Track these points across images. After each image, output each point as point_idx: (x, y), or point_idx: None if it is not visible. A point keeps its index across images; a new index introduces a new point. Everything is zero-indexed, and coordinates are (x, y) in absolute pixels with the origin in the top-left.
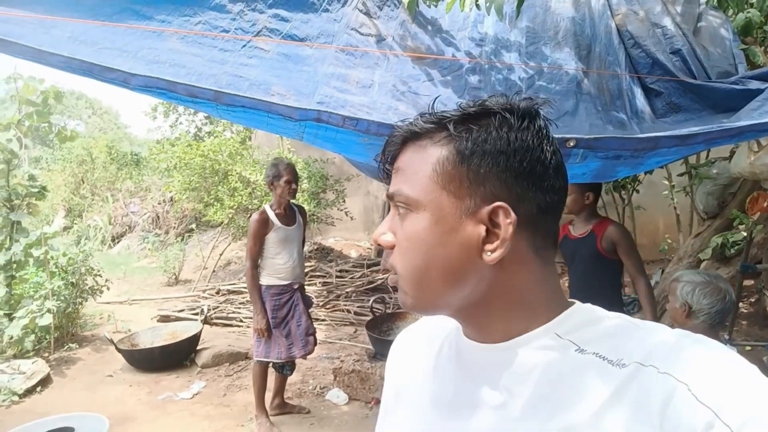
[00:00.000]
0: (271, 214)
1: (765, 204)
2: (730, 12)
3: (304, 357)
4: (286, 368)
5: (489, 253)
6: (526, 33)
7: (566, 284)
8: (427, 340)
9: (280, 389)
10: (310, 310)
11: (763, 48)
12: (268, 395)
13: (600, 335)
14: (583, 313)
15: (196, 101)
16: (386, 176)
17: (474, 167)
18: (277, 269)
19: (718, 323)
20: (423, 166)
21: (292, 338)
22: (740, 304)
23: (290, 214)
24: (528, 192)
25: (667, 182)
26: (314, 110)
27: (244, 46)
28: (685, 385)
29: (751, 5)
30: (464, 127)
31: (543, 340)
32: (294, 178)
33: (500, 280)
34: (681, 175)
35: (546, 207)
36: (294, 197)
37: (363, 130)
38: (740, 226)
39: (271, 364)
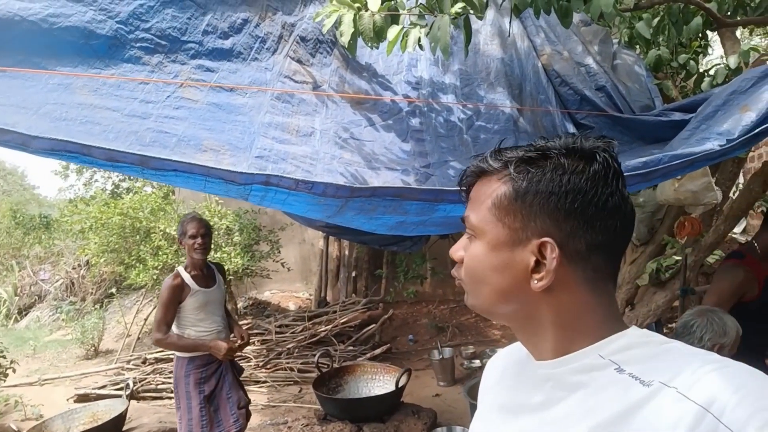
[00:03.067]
0: (186, 277)
1: (691, 228)
2: (637, 50)
3: None
4: None
5: (536, 281)
6: (459, 75)
7: None
8: (506, 358)
9: None
10: (241, 378)
11: (673, 82)
12: None
13: (641, 357)
14: (633, 337)
15: (117, 165)
16: (464, 202)
17: (527, 204)
18: (199, 338)
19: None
20: (486, 199)
21: (221, 414)
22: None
23: (208, 273)
24: (578, 230)
25: None
26: (262, 174)
27: (169, 96)
28: (699, 406)
29: (659, 44)
30: (523, 168)
31: (586, 359)
32: (198, 231)
33: (550, 305)
34: None
35: (597, 244)
36: (206, 253)
37: (319, 193)
38: (671, 250)
39: None
